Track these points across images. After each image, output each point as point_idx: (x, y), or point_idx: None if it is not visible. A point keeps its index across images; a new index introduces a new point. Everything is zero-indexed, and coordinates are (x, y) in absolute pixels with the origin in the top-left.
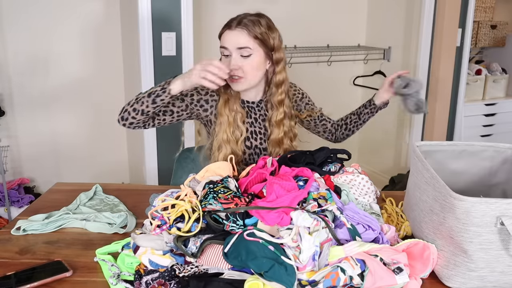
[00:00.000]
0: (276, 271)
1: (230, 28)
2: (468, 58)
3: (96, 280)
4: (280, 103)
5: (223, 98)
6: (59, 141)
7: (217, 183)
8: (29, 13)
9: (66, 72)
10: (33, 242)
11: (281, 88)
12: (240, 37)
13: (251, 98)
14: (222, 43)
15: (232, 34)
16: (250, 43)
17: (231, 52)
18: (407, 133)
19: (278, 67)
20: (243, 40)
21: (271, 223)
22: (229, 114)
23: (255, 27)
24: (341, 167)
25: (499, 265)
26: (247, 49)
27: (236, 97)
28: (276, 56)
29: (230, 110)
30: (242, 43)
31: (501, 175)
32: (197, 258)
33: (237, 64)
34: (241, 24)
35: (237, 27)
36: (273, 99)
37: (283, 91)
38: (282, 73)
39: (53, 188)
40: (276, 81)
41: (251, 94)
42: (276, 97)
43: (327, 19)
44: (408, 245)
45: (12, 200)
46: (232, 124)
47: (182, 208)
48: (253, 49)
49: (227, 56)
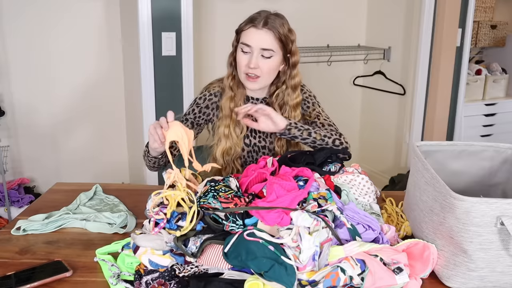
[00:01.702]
0: (276, 271)
1: (256, 27)
2: (468, 58)
3: (96, 280)
4: (297, 105)
5: (228, 94)
6: (59, 141)
7: (218, 182)
8: (29, 13)
9: (66, 72)
10: (33, 242)
11: (298, 91)
12: (267, 38)
13: (256, 95)
14: (244, 40)
15: (259, 34)
16: (274, 46)
17: (252, 51)
18: (407, 133)
19: (294, 70)
20: (269, 42)
21: (271, 223)
22: (232, 111)
23: (280, 30)
24: (341, 167)
25: (499, 265)
26: (271, 51)
27: (241, 94)
28: (293, 60)
29: (234, 107)
30: (268, 45)
31: (501, 175)
32: (197, 258)
33: (257, 63)
34: (268, 24)
35: (264, 27)
36: (290, 102)
37: (299, 93)
38: (299, 76)
39: (53, 188)
40: (292, 84)
41: (257, 91)
42: (293, 99)
43: (327, 19)
44: (408, 245)
45: (12, 200)
46: (235, 120)
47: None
48: (276, 51)
49: (246, 53)
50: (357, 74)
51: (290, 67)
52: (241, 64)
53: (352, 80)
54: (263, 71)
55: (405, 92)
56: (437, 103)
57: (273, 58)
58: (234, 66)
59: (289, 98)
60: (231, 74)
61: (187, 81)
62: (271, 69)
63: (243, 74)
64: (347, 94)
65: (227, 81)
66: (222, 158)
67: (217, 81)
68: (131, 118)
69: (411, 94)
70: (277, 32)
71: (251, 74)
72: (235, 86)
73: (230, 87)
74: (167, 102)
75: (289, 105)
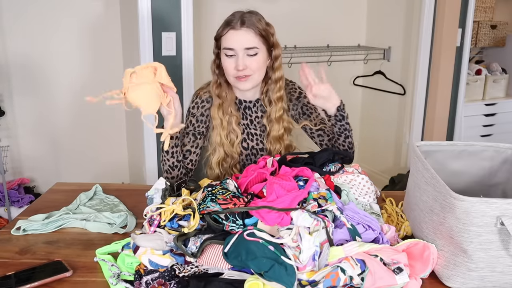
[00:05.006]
0: (276, 271)
1: (234, 28)
2: (468, 58)
3: (96, 280)
4: (279, 99)
5: (216, 102)
6: (59, 141)
7: (215, 186)
8: (29, 13)
9: (66, 72)
10: (33, 242)
11: (279, 84)
12: (248, 37)
13: (248, 98)
14: (226, 44)
15: (239, 34)
16: (257, 42)
17: (237, 53)
18: (407, 133)
19: (276, 63)
20: (251, 39)
21: (271, 223)
22: (222, 118)
23: (258, 26)
24: (341, 167)
25: (499, 265)
26: (255, 48)
27: (230, 100)
28: (275, 53)
29: (224, 114)
30: (250, 43)
31: (501, 175)
32: (197, 258)
33: (245, 63)
34: (246, 23)
35: (242, 27)
36: (273, 96)
37: (281, 86)
38: (280, 70)
39: (53, 188)
40: (275, 77)
41: (249, 93)
42: (275, 93)
43: (327, 19)
44: (408, 245)
45: (12, 200)
46: (226, 127)
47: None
48: (259, 47)
49: (231, 56)
50: (357, 74)
51: (272, 60)
52: (229, 69)
53: (352, 80)
54: (252, 69)
55: (405, 92)
56: (437, 103)
57: (259, 55)
58: (217, 73)
59: (271, 92)
60: (216, 81)
61: (187, 81)
62: (259, 65)
63: (232, 78)
64: (347, 94)
65: (213, 89)
66: (219, 167)
67: (206, 86)
68: (131, 118)
69: (411, 94)
70: (256, 28)
71: (241, 75)
72: (223, 92)
73: (217, 94)
74: None
75: (272, 99)
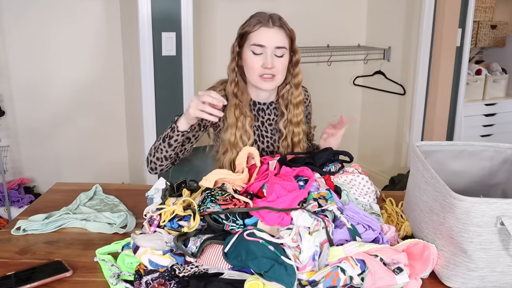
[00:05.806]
0: (276, 271)
1: (267, 26)
2: (468, 58)
3: (96, 280)
4: (300, 103)
5: (232, 101)
6: (59, 141)
7: (214, 188)
8: (29, 13)
9: (66, 72)
10: (33, 242)
11: (300, 89)
12: (280, 36)
13: (263, 99)
14: (256, 40)
15: (271, 32)
16: (286, 43)
17: (266, 51)
18: (407, 133)
19: (297, 67)
20: (283, 39)
21: (271, 223)
22: (238, 118)
23: (288, 27)
24: (341, 167)
25: (499, 265)
26: (283, 48)
27: (246, 100)
28: (296, 57)
29: (240, 114)
30: (281, 43)
31: (501, 175)
32: (197, 258)
33: (273, 63)
34: (278, 23)
35: (274, 26)
36: (294, 100)
37: (301, 91)
38: (301, 74)
39: (53, 188)
40: (296, 81)
41: (264, 95)
42: (297, 97)
43: (327, 19)
44: (408, 245)
45: (12, 200)
46: (241, 128)
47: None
48: (287, 49)
49: (258, 54)
50: (357, 74)
51: (293, 65)
52: (255, 66)
53: (352, 80)
54: (278, 70)
55: (405, 92)
56: (437, 103)
57: (285, 56)
58: (237, 72)
59: (292, 96)
60: (234, 80)
61: (187, 81)
62: (284, 67)
63: (257, 77)
64: (347, 94)
65: (230, 87)
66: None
67: (219, 85)
68: (131, 118)
69: (411, 94)
70: (287, 29)
71: (267, 75)
72: (240, 92)
73: (234, 93)
74: (167, 102)
75: (292, 104)
